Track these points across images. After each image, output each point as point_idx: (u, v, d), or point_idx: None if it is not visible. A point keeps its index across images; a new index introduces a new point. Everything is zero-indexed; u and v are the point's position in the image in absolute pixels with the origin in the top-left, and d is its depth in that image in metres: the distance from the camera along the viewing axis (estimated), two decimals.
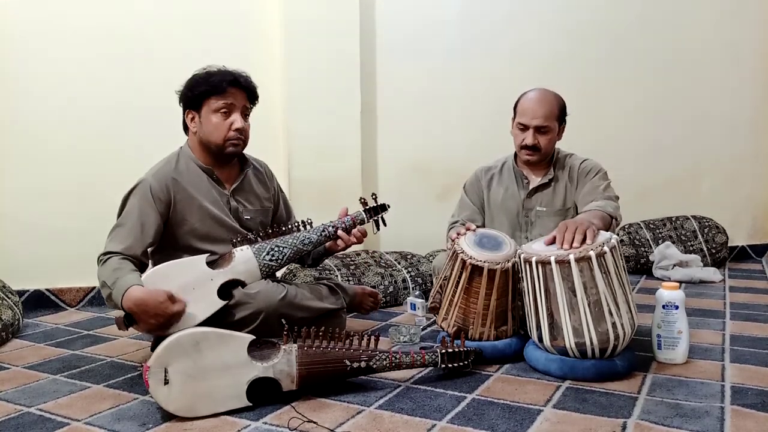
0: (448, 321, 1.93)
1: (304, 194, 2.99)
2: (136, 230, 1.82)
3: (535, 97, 2.14)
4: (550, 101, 2.13)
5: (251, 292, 1.82)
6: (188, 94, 1.90)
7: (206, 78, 1.89)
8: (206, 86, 1.87)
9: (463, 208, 2.30)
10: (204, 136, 1.91)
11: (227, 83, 1.88)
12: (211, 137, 1.90)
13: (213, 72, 1.91)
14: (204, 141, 1.92)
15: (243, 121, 1.92)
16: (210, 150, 1.93)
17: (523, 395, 1.60)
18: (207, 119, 1.89)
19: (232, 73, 1.91)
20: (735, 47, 3.74)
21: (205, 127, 1.90)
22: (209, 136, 1.90)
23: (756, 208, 3.92)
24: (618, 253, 1.71)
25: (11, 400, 1.65)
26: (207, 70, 1.93)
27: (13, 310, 2.38)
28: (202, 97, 1.88)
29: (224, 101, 1.88)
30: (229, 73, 1.90)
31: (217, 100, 1.87)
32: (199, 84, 1.89)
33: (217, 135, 1.89)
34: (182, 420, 1.48)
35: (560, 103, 2.16)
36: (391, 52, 3.25)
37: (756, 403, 1.52)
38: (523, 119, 2.13)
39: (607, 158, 2.34)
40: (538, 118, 2.10)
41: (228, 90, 1.88)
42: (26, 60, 2.71)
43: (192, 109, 1.92)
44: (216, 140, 1.90)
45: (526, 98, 2.16)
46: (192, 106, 1.91)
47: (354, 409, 1.54)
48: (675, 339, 1.80)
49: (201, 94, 1.88)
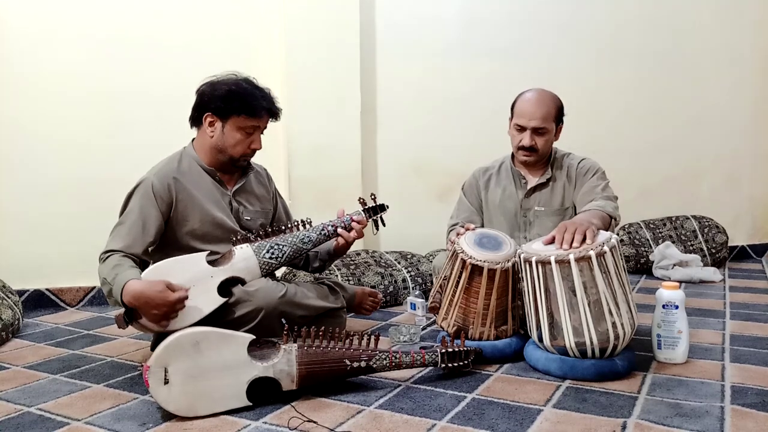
0: (448, 321, 1.93)
1: (304, 194, 2.99)
2: (137, 229, 1.83)
3: (532, 98, 2.13)
4: (548, 102, 2.12)
5: (251, 290, 1.82)
6: (220, 104, 1.89)
7: (244, 97, 1.88)
8: (243, 105, 1.88)
9: (462, 209, 2.30)
10: (221, 144, 1.92)
11: (264, 110, 1.91)
12: (230, 150, 1.92)
13: (251, 92, 1.90)
14: (219, 148, 1.93)
15: (260, 140, 1.97)
16: (221, 157, 1.95)
17: (523, 395, 1.60)
18: (230, 133, 1.91)
19: (268, 99, 1.94)
20: (734, 46, 3.74)
21: (227, 139, 1.91)
22: (228, 148, 1.92)
23: (756, 208, 3.93)
24: (618, 252, 1.71)
25: (11, 400, 1.65)
26: (238, 81, 1.92)
27: (13, 309, 2.38)
28: (233, 112, 1.89)
29: (253, 124, 1.92)
30: (266, 99, 1.93)
31: (247, 120, 1.90)
32: (235, 99, 1.88)
33: (236, 150, 1.93)
34: (182, 420, 1.48)
35: (557, 103, 2.16)
36: (391, 51, 3.25)
37: (756, 402, 1.52)
38: (520, 120, 2.12)
39: (606, 158, 2.34)
40: (536, 119, 2.09)
41: (262, 116, 1.92)
42: (26, 59, 2.71)
43: (217, 115, 1.91)
44: (233, 154, 1.93)
45: (523, 99, 2.15)
46: (218, 113, 1.90)
47: (354, 408, 1.54)
48: (675, 339, 1.80)
49: (234, 110, 1.89)
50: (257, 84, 1.96)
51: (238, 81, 1.93)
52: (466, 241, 1.89)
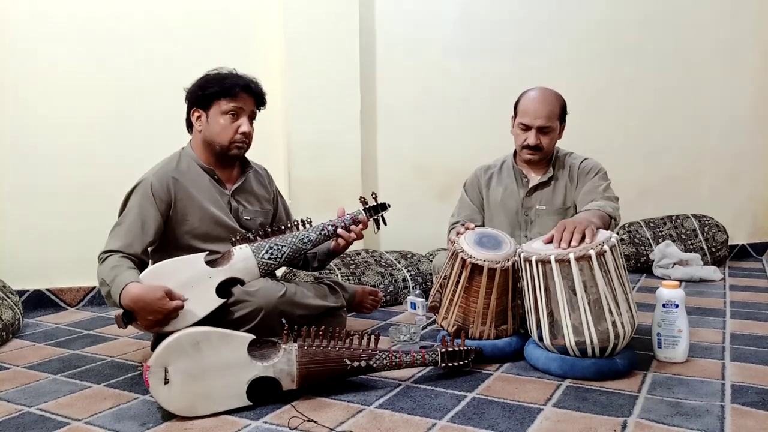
0: (448, 320, 1.92)
1: (304, 194, 2.99)
2: (136, 229, 1.83)
3: (536, 96, 2.13)
4: (552, 101, 2.12)
5: (251, 290, 1.82)
6: (198, 92, 1.91)
7: (219, 80, 1.90)
8: (219, 88, 1.89)
9: (463, 207, 2.30)
10: (209, 135, 1.92)
11: (240, 88, 1.91)
12: (217, 138, 1.91)
13: (226, 75, 1.92)
14: (209, 140, 1.93)
15: (249, 125, 1.95)
16: (213, 150, 1.94)
17: (523, 394, 1.60)
18: (215, 120, 1.91)
19: (244, 78, 1.94)
20: (735, 46, 3.74)
21: (212, 128, 1.91)
22: (215, 137, 1.92)
23: (756, 207, 3.93)
24: (618, 251, 1.71)
25: (12, 400, 1.65)
26: (218, 71, 1.94)
27: (14, 310, 2.38)
28: (212, 98, 1.90)
29: (234, 105, 1.90)
30: (242, 78, 1.93)
31: (228, 102, 1.89)
32: (211, 84, 1.90)
33: (224, 136, 1.91)
34: (182, 419, 1.48)
35: (561, 102, 2.16)
36: (390, 51, 3.25)
37: (756, 401, 1.52)
38: (525, 119, 2.12)
39: (607, 157, 2.34)
40: (541, 118, 2.09)
41: (240, 94, 1.91)
42: (26, 61, 2.71)
43: (200, 107, 1.93)
44: (221, 141, 1.92)
45: (528, 98, 2.15)
46: (200, 104, 1.92)
47: (354, 408, 1.54)
48: (675, 337, 1.80)
49: (212, 95, 1.89)
50: (236, 71, 1.95)
51: (216, 70, 1.94)
52: (466, 241, 1.89)
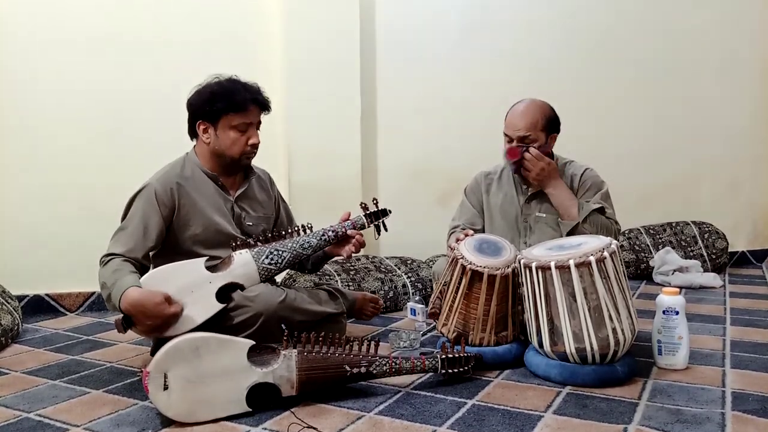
0: (448, 326, 1.92)
1: (305, 199, 2.99)
2: (138, 233, 1.83)
3: (518, 108, 2.16)
4: (533, 112, 2.13)
5: (250, 295, 1.82)
6: (206, 108, 1.89)
7: (227, 95, 1.89)
8: (227, 103, 1.88)
9: (464, 211, 2.30)
10: (219, 148, 1.92)
11: (249, 102, 1.90)
12: (228, 151, 1.92)
13: (231, 88, 1.90)
14: (218, 152, 1.93)
15: (257, 135, 1.96)
16: (222, 161, 1.95)
17: (523, 401, 1.60)
18: (224, 134, 1.91)
19: (251, 90, 1.93)
20: (734, 53, 3.75)
21: (222, 141, 1.91)
22: (226, 150, 1.92)
23: (756, 214, 3.92)
24: (618, 258, 1.71)
25: (10, 406, 1.64)
26: (220, 80, 1.93)
27: (13, 315, 2.38)
28: (221, 113, 1.89)
29: (244, 120, 1.90)
30: (249, 90, 1.92)
31: (237, 117, 1.89)
32: (219, 99, 1.88)
33: (235, 150, 1.92)
34: (182, 425, 1.48)
35: (546, 113, 2.15)
36: (391, 57, 3.26)
37: (757, 409, 1.51)
38: (507, 131, 2.16)
39: (606, 164, 2.34)
40: (520, 129, 2.11)
41: (249, 108, 1.90)
42: (27, 65, 2.72)
43: (207, 121, 1.92)
44: (232, 154, 1.93)
45: (511, 110, 2.18)
46: (208, 118, 1.91)
47: (354, 414, 1.53)
48: (675, 344, 1.80)
49: (221, 110, 1.89)
50: (240, 80, 1.95)
51: (220, 81, 1.93)
52: (466, 247, 1.89)
